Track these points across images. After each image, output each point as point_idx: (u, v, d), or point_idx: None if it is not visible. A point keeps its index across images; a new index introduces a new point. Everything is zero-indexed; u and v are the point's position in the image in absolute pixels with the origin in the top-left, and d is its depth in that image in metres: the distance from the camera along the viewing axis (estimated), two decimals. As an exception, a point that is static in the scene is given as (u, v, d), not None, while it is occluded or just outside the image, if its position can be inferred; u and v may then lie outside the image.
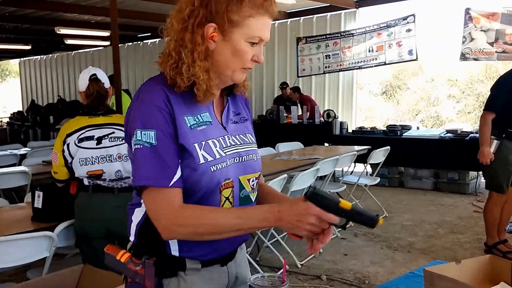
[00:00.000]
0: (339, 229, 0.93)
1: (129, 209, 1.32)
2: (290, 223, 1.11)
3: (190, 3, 1.19)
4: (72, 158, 2.61)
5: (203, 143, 1.21)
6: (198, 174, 1.19)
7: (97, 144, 2.60)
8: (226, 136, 1.28)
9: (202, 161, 1.19)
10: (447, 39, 14.05)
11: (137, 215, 1.28)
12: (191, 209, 1.19)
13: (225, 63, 1.22)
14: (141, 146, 1.16)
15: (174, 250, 1.24)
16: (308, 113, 8.20)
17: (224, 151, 1.25)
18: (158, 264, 1.22)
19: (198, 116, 1.25)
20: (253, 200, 1.34)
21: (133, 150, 1.19)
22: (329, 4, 8.69)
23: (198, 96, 1.21)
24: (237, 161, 1.28)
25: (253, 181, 1.32)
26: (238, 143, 1.31)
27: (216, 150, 1.23)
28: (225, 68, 1.23)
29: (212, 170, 1.20)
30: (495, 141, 3.83)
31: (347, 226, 1.16)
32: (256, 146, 1.39)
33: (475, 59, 7.33)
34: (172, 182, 1.17)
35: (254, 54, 1.23)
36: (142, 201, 1.24)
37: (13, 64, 22.51)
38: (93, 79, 2.70)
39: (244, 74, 1.28)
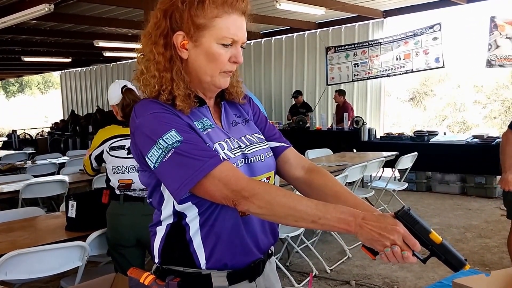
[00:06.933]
0: (418, 262, 1.05)
1: (150, 231, 1.25)
2: (370, 235, 0.99)
3: (154, 16, 1.17)
4: (99, 164, 2.75)
5: (212, 146, 1.16)
6: None
7: (127, 154, 2.63)
8: (229, 140, 1.21)
9: None
10: (472, 47, 14.12)
11: (158, 235, 1.21)
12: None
13: (201, 69, 1.16)
14: (171, 152, 1.08)
15: (202, 259, 1.16)
16: (349, 121, 8.18)
17: (233, 152, 1.19)
18: (183, 285, 1.16)
19: (201, 121, 1.20)
20: None
21: (160, 166, 1.09)
22: (357, 15, 8.91)
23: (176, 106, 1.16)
24: (244, 162, 1.20)
25: None
26: (243, 145, 1.23)
27: (224, 152, 1.16)
28: (202, 75, 1.17)
29: None
30: None
31: (428, 260, 1.06)
32: (266, 144, 1.31)
33: (501, 66, 7.44)
34: (222, 158, 1.11)
35: (232, 55, 1.16)
36: (162, 218, 1.21)
37: (56, 76, 22.62)
38: (126, 89, 2.70)
39: (226, 78, 1.20)
